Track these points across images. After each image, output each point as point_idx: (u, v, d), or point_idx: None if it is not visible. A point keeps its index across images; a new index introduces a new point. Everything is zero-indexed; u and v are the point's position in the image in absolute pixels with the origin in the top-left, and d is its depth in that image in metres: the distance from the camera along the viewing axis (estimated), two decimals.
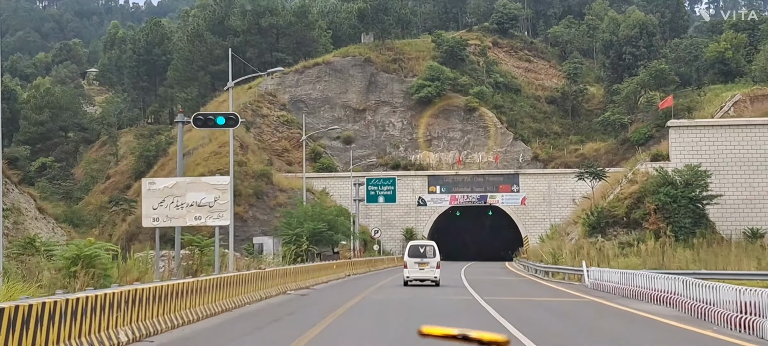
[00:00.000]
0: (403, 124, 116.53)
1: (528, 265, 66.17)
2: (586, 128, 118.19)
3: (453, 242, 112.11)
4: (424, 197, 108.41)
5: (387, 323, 23.86)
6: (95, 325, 15.37)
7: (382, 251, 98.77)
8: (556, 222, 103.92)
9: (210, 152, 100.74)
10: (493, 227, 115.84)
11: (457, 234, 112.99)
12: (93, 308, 15.25)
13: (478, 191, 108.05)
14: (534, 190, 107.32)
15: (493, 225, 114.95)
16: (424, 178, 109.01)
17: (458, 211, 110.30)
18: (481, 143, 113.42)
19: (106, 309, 15.99)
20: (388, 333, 21.29)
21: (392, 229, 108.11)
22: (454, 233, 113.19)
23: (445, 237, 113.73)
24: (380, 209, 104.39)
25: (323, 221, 56.55)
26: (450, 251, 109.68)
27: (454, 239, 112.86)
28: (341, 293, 36.76)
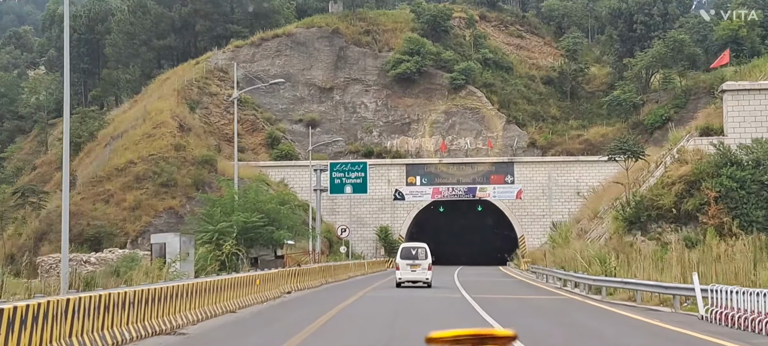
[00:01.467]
0: (377, 105, 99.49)
1: (547, 273, 49.08)
2: (588, 112, 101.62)
3: (436, 242, 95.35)
4: (401, 189, 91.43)
5: None
6: None
7: (350, 253, 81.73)
8: (558, 219, 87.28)
9: (142, 134, 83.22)
10: (482, 225, 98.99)
11: (440, 233, 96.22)
12: None
13: (466, 182, 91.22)
14: (531, 181, 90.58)
15: (482, 223, 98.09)
16: (401, 167, 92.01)
17: (442, 206, 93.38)
18: (469, 127, 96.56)
19: None
20: None
21: (363, 227, 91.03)
22: (437, 231, 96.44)
23: (425, 237, 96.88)
24: (349, 202, 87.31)
25: (259, 212, 39.72)
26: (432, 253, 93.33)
27: (437, 238, 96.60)
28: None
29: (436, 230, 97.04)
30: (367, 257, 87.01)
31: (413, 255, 40.62)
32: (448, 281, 48.08)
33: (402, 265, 40.12)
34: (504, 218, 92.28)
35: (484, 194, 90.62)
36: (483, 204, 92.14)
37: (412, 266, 39.86)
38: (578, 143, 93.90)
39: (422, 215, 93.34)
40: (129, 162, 78.99)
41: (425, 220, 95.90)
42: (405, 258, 40.47)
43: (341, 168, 67.13)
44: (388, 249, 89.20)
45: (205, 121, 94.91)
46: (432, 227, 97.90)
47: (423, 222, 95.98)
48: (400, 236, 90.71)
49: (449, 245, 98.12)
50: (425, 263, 40.02)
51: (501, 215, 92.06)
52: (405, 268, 39.87)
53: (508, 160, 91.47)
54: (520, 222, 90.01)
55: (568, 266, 44.37)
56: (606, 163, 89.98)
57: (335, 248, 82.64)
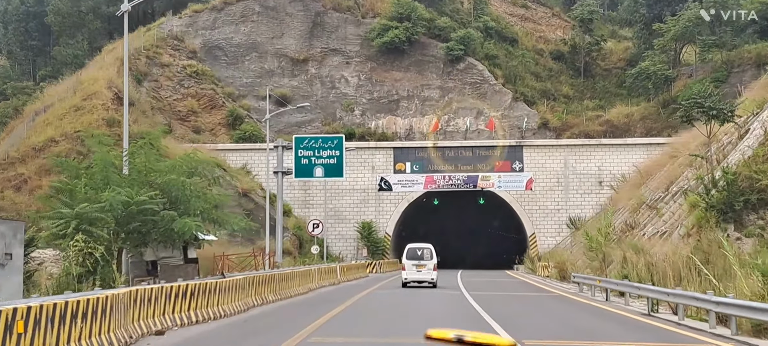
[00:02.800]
0: (361, 80, 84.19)
1: (609, 286, 33.12)
2: (605, 91, 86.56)
3: (429, 241, 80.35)
4: (387, 177, 76.16)
5: None
6: None
7: (325, 254, 66.57)
8: (576, 214, 72.22)
9: (70, 107, 67.68)
10: (485, 221, 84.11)
11: (434, 230, 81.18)
12: None
13: (465, 169, 76.02)
14: (544, 168, 75.42)
15: (485, 218, 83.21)
16: (388, 151, 76.74)
17: (436, 198, 78.18)
18: (469, 106, 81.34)
19: None
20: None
21: (342, 223, 75.75)
22: (431, 228, 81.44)
23: (416, 235, 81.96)
24: (324, 192, 72.04)
25: (153, 186, 24.58)
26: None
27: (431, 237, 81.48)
28: None
29: (430, 227, 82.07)
30: (347, 259, 71.88)
31: (419, 256, 40.47)
32: (460, 307, 32.75)
33: (408, 265, 40.12)
34: (511, 213, 77.14)
35: (486, 184, 75.43)
36: (486, 196, 76.98)
37: (417, 267, 39.86)
38: (597, 125, 78.83)
39: (413, 209, 78.13)
40: (49, 140, 63.53)
41: (416, 214, 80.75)
42: (411, 259, 40.44)
43: (310, 144, 51.83)
44: (372, 249, 74.06)
45: (154, 96, 79.44)
46: (424, 222, 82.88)
47: (414, 217, 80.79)
48: (387, 235, 75.52)
49: (445, 245, 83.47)
50: (431, 263, 39.87)
51: (507, 209, 76.92)
52: (411, 268, 39.96)
53: (516, 144, 76.33)
54: (530, 217, 74.87)
55: (641, 277, 29.15)
56: (634, 147, 75.15)
57: (307, 247, 67.44)
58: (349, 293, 33.98)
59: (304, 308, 25.29)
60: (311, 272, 35.94)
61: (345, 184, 75.79)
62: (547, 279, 50.57)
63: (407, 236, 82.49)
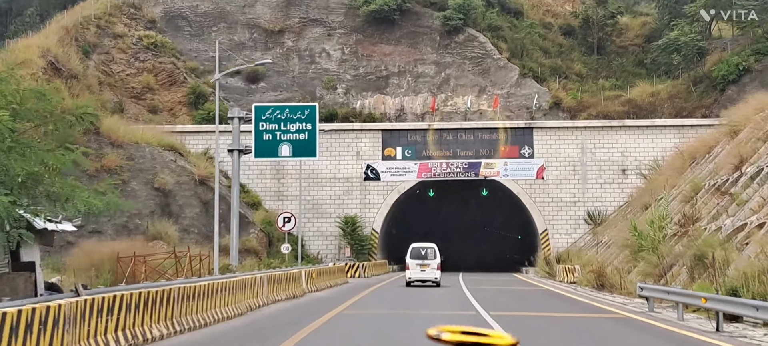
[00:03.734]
0: (344, 54, 73.18)
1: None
2: (621, 70, 75.61)
3: (423, 238, 69.56)
4: (375, 165, 65.17)
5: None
6: None
7: (301, 255, 55.62)
8: (596, 208, 61.50)
9: None
10: (488, 215, 73.48)
11: (430, 226, 70.47)
12: None
13: (466, 155, 65.09)
14: (558, 155, 64.53)
15: (488, 211, 72.59)
16: (375, 134, 65.74)
17: (432, 188, 67.31)
18: (469, 83, 70.39)
19: None
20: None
21: (322, 217, 64.79)
22: (426, 223, 70.66)
23: (408, 232, 71.49)
24: (299, 181, 61.11)
25: None
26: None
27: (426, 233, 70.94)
28: None
29: (424, 222, 71.31)
30: (327, 261, 60.99)
31: (423, 255, 40.47)
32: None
33: (412, 264, 40.01)
34: (518, 206, 66.25)
35: (490, 172, 64.50)
36: (489, 186, 66.13)
37: (421, 266, 39.90)
38: (618, 105, 67.94)
39: (404, 201, 67.19)
40: None
41: (409, 207, 69.92)
42: (415, 258, 40.31)
43: (275, 115, 40.79)
44: (356, 249, 63.10)
45: (104, 71, 68.25)
46: (418, 217, 72.15)
47: (405, 211, 69.95)
48: (374, 232, 64.60)
49: (442, 242, 72.80)
50: (434, 262, 39.95)
51: (514, 201, 66.04)
52: (414, 267, 39.92)
53: (524, 126, 65.40)
54: (541, 211, 63.96)
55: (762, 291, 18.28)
56: (663, 129, 64.33)
57: (277, 246, 56.48)
58: (309, 313, 22.94)
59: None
60: (257, 281, 24.80)
61: (325, 172, 64.92)
62: (575, 287, 39.61)
63: (398, 233, 71.73)
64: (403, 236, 73.81)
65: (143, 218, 51.86)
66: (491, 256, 79.83)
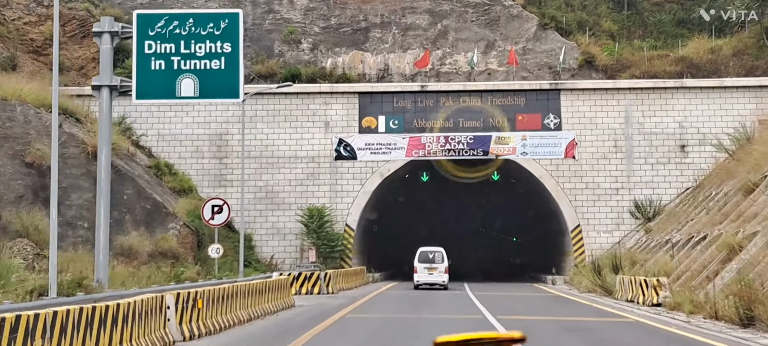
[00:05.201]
0: (312, 0, 56.61)
1: None
2: (659, 29, 59.13)
3: (414, 238, 53.62)
4: (350, 140, 48.84)
5: None
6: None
7: (243, 262, 39.24)
8: (646, 196, 45.25)
9: None
10: (501, 207, 57.63)
11: (423, 222, 54.58)
12: None
13: (471, 126, 48.90)
14: (594, 126, 48.36)
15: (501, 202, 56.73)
16: (351, 100, 49.35)
17: (426, 171, 50.99)
18: (473, 36, 53.96)
19: None
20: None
21: (278, 209, 48.55)
22: (416, 218, 54.81)
23: (395, 229, 56.11)
24: (246, 158, 44.87)
25: None
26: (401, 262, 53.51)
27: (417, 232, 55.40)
28: None
29: (415, 216, 55.40)
30: (284, 269, 44.98)
31: (430, 259, 40.60)
32: None
33: (420, 268, 40.18)
34: (540, 193, 50.14)
35: (504, 149, 48.27)
36: (502, 168, 50.04)
37: (429, 270, 40.07)
38: (668, 64, 51.69)
39: (389, 188, 50.99)
40: None
41: (395, 196, 53.99)
42: (423, 262, 40.40)
43: (170, 30, 24.31)
44: (324, 251, 46.85)
45: None
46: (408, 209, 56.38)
47: (391, 200, 53.93)
48: (347, 229, 48.34)
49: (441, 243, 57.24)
50: (442, 266, 40.11)
51: (536, 187, 49.94)
52: (422, 271, 40.13)
53: (549, 87, 49.20)
54: (572, 201, 47.79)
55: None
56: (738, 92, 48.44)
57: (204, 246, 40.14)
58: None
59: None
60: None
61: (283, 149, 48.69)
62: (673, 315, 23.36)
63: (381, 230, 55.55)
64: (387, 235, 57.69)
65: (4, 205, 35.50)
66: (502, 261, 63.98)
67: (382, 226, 55.82)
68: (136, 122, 48.46)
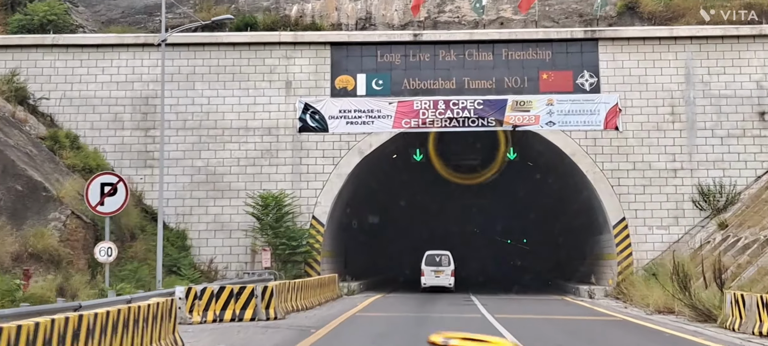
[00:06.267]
0: None
1: None
2: None
3: (405, 237, 42.00)
4: (318, 105, 36.74)
5: None
6: None
7: (161, 267, 27.16)
8: (713, 179, 32.75)
9: None
10: (516, 196, 45.99)
11: (412, 216, 42.89)
12: None
13: (479, 88, 36.87)
14: (643, 86, 36.38)
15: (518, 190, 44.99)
16: (321, 51, 37.16)
17: (419, 147, 38.75)
18: None
19: None
20: None
21: (223, 198, 36.40)
22: (406, 211, 43.15)
23: (381, 225, 44.83)
24: (181, 129, 32.89)
25: None
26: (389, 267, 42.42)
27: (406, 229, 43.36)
28: None
29: (408, 209, 43.80)
30: (228, 274, 33.32)
31: (437, 262, 40.57)
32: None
33: (426, 271, 40.41)
34: (572, 175, 38.15)
35: (523, 118, 36.25)
36: (520, 143, 38.04)
37: (436, 273, 40.28)
38: (733, 11, 39.56)
39: (372, 170, 39.01)
40: None
41: (378, 181, 42.06)
42: (430, 265, 40.56)
43: None
44: (284, 252, 34.84)
45: None
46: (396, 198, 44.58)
47: (373, 187, 42.00)
48: (315, 222, 36.14)
49: (440, 243, 46.02)
50: (448, 269, 40.32)
51: (565, 168, 37.95)
52: (429, 274, 40.27)
53: (583, 36, 37.15)
54: (615, 186, 35.76)
55: None
56: None
57: (123, 246, 27.85)
58: None
59: None
60: None
61: (229, 116, 36.72)
62: None
63: (362, 225, 43.69)
64: (369, 232, 45.81)
65: None
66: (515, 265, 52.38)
67: (363, 220, 43.85)
68: (34, 81, 36.37)
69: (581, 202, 38.68)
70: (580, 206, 39.29)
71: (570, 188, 39.58)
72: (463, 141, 38.89)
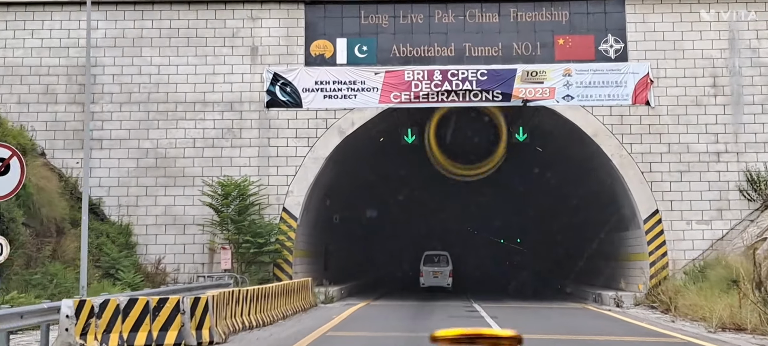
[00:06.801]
0: None
1: None
2: None
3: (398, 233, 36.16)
4: (290, 75, 30.72)
5: None
6: None
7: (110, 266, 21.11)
8: (766, 165, 26.29)
9: None
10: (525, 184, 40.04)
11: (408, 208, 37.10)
12: None
13: (483, 55, 30.82)
14: (679, 54, 30.43)
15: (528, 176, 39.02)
16: (292, 11, 31.12)
17: (410, 126, 32.55)
18: None
19: None
20: None
21: (174, 186, 30.47)
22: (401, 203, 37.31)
23: (366, 224, 39.02)
24: (126, 102, 26.66)
25: None
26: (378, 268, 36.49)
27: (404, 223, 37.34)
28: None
29: (400, 202, 38.06)
30: (180, 278, 27.22)
31: (436, 262, 41.05)
32: None
33: (425, 272, 40.79)
34: (591, 162, 32.15)
35: (535, 90, 30.25)
36: (531, 122, 32.02)
37: (434, 273, 40.57)
38: None
39: (355, 154, 32.96)
40: None
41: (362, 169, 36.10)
42: (428, 265, 40.93)
43: None
44: (248, 252, 28.77)
45: None
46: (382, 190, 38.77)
47: (353, 176, 36.11)
48: (287, 216, 29.98)
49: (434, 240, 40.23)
50: (447, 269, 40.68)
51: (586, 152, 31.95)
52: (428, 274, 40.68)
53: None
54: (646, 172, 29.75)
55: None
56: None
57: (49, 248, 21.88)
58: None
59: None
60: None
61: (184, 88, 30.80)
62: None
63: (344, 222, 37.72)
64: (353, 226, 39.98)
65: None
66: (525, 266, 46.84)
67: (346, 214, 37.88)
68: None
69: (602, 192, 32.67)
70: (600, 196, 33.28)
71: (588, 176, 33.60)
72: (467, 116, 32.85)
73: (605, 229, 33.77)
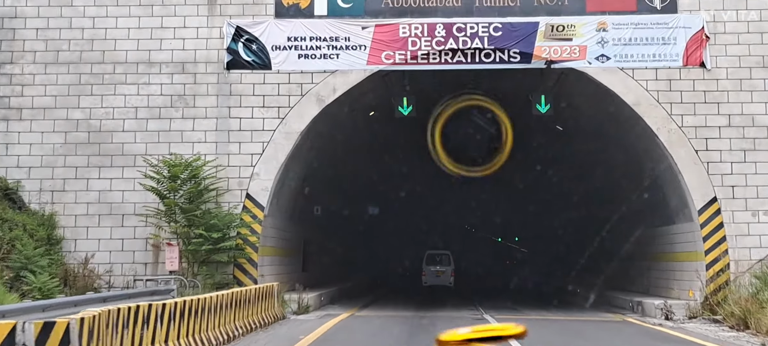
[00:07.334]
0: None
1: None
2: None
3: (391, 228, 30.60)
4: (254, 30, 24.59)
5: None
6: None
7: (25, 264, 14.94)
8: None
9: None
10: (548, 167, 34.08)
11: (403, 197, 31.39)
12: None
13: (494, 7, 24.77)
14: (742, 4, 24.32)
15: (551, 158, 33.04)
16: None
17: (406, 96, 26.16)
18: None
19: None
20: None
21: (111, 166, 24.35)
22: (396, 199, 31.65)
23: (351, 215, 32.60)
24: (55, 62, 20.42)
25: None
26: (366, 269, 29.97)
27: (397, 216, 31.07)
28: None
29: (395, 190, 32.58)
30: (115, 282, 20.98)
31: (437, 261, 41.39)
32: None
33: (428, 271, 41.25)
34: (629, 139, 26.11)
35: (561, 49, 24.27)
36: (558, 87, 25.86)
37: (437, 273, 40.92)
38: None
39: (338, 128, 26.92)
40: None
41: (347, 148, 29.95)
42: (430, 264, 41.35)
43: None
44: (201, 249, 22.66)
45: None
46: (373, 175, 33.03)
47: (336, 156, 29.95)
48: (250, 207, 23.83)
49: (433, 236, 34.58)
50: (449, 269, 41.12)
51: (621, 127, 25.91)
52: (430, 273, 41.08)
53: None
54: (701, 150, 23.73)
55: None
56: None
57: None
58: None
59: None
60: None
61: (125, 45, 24.80)
62: None
63: (327, 213, 31.63)
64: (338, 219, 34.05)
65: None
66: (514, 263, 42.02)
67: (330, 204, 31.90)
68: None
69: (643, 175, 26.64)
70: (637, 181, 27.23)
71: (625, 156, 27.59)
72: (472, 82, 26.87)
73: (645, 223, 27.74)
